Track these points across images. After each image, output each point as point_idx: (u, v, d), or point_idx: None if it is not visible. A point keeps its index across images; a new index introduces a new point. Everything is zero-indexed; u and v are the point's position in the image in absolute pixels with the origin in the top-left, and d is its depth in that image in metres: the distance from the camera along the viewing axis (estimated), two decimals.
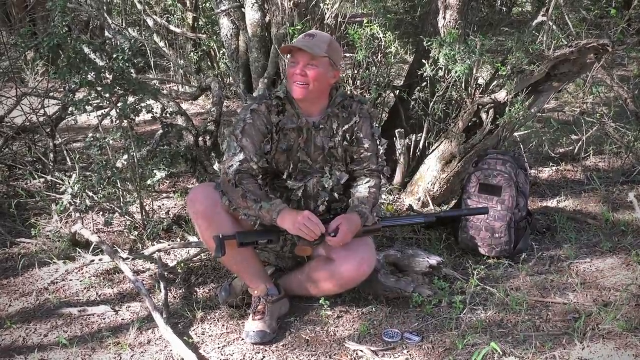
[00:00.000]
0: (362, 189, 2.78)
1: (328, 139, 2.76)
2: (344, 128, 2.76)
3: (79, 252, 3.36)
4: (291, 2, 3.65)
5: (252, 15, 4.03)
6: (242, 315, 2.81)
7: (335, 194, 2.80)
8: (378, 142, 2.84)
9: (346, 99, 2.79)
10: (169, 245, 3.38)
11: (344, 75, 3.97)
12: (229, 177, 2.58)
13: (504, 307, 2.78)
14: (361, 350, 2.52)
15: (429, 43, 3.60)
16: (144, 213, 3.56)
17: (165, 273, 3.13)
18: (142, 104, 3.39)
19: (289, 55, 2.72)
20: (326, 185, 2.75)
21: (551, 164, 4.62)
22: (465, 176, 3.53)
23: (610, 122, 4.56)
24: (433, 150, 3.85)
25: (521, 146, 4.50)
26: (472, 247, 3.32)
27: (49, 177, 4.02)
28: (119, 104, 3.39)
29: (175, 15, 6.44)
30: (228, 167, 2.60)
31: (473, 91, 3.77)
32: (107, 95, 3.39)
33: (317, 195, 2.76)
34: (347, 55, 4.17)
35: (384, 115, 4.36)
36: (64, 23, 3.41)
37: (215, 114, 4.58)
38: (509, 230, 3.26)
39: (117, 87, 3.45)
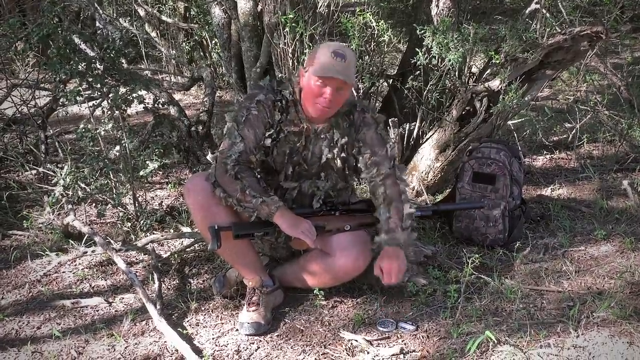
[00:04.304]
0: (383, 213, 2.65)
1: (327, 149, 2.70)
2: (343, 140, 2.69)
3: (72, 244, 3.34)
4: None
5: (243, 4, 4.00)
6: (237, 306, 2.80)
7: (331, 192, 2.77)
8: (388, 147, 2.71)
9: (349, 108, 2.69)
10: (162, 236, 3.37)
11: None
12: (227, 168, 2.54)
13: (498, 296, 2.78)
14: (356, 340, 2.51)
15: (422, 31, 3.58)
16: (137, 204, 3.55)
17: (159, 264, 3.12)
18: (134, 95, 3.36)
19: (312, 74, 2.52)
20: (321, 188, 2.74)
21: (545, 152, 4.62)
22: (460, 165, 3.52)
23: (604, 110, 4.56)
24: (427, 139, 3.84)
25: (515, 135, 4.50)
26: (466, 236, 3.32)
27: (40, 169, 3.99)
28: (110, 95, 3.37)
29: (166, 5, 6.41)
30: (226, 156, 2.54)
31: (467, 80, 3.76)
32: (98, 86, 3.37)
33: (312, 195, 2.74)
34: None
35: (377, 104, 4.35)
36: (54, 13, 3.38)
37: (208, 104, 4.56)
38: (503, 219, 3.26)
39: (109, 78, 3.42)
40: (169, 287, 3.02)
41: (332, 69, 2.48)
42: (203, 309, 2.81)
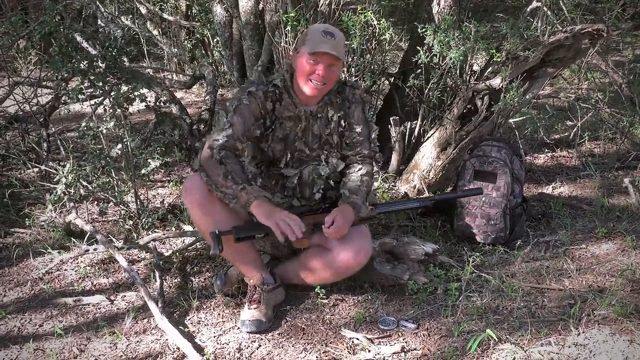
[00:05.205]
0: (354, 177, 2.76)
1: (324, 126, 2.75)
2: (338, 115, 2.76)
3: (74, 242, 3.35)
4: None
5: (245, 2, 4.00)
6: (238, 304, 2.81)
7: (331, 182, 2.79)
8: (371, 127, 2.84)
9: (340, 85, 2.78)
10: (164, 234, 3.38)
11: None
12: (213, 151, 2.55)
13: (499, 294, 2.78)
14: (357, 338, 2.52)
15: (423, 30, 3.58)
16: (138, 202, 3.55)
17: (161, 262, 3.13)
18: (136, 93, 3.37)
19: (304, 53, 2.59)
20: (322, 173, 2.75)
21: (546, 150, 4.62)
22: (461, 163, 3.52)
23: (606, 108, 4.56)
24: (428, 138, 3.84)
25: (516, 133, 4.50)
26: (467, 234, 3.33)
27: (42, 167, 4.00)
28: (112, 93, 3.37)
29: (168, 3, 6.41)
30: (214, 140, 2.58)
31: (468, 78, 3.75)
32: (100, 84, 3.37)
33: (312, 182, 2.75)
34: None
35: (379, 103, 4.35)
36: (56, 11, 3.38)
37: (210, 102, 4.56)
38: (504, 217, 3.26)
39: (110, 76, 3.42)
40: (171, 285, 3.02)
41: (323, 45, 2.55)
42: (204, 307, 2.82)
